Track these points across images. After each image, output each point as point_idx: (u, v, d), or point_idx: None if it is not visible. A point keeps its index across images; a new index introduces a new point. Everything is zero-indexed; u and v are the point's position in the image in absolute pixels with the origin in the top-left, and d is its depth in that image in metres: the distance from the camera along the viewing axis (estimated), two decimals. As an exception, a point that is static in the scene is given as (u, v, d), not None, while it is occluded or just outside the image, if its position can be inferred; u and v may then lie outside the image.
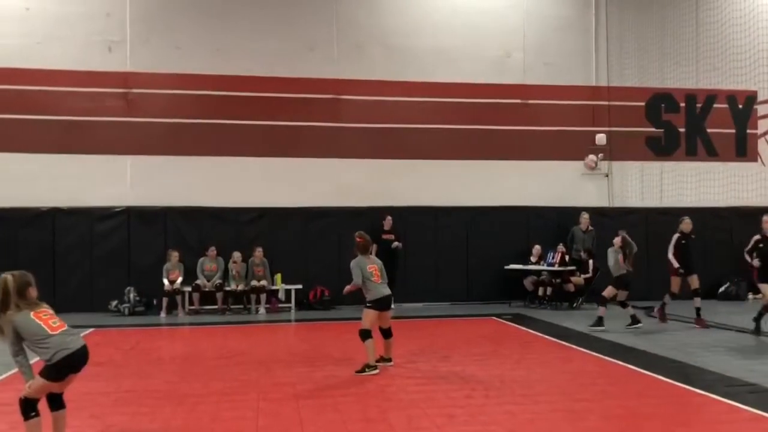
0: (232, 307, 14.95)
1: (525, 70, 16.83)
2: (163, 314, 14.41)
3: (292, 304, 15.17)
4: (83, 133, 15.08)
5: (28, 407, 5.32)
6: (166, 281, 14.58)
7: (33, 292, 5.40)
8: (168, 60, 15.49)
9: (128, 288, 14.65)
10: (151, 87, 15.46)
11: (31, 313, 5.29)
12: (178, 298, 14.67)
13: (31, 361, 5.39)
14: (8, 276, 5.37)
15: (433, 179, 16.30)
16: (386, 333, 8.98)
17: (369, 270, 8.74)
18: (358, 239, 8.93)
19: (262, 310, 14.88)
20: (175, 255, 14.74)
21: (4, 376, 8.52)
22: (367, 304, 8.73)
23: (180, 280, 14.69)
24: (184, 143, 15.48)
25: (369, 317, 8.67)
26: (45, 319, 5.30)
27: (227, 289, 14.88)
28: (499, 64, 16.78)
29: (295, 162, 15.81)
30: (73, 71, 15.07)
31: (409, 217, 15.97)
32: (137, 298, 14.68)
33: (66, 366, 5.25)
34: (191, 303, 14.76)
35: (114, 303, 14.52)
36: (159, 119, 15.48)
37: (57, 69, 14.98)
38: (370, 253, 9.18)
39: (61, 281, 14.65)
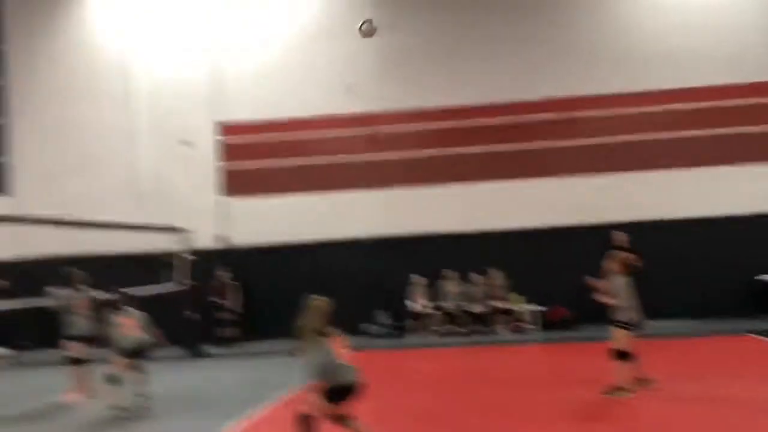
0: (475, 328, 15.50)
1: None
2: (411, 336, 15.36)
3: (534, 325, 15.36)
4: (338, 172, 16.61)
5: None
6: (413, 304, 15.52)
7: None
8: (407, 97, 16.58)
9: (379, 311, 15.81)
10: (393, 123, 16.66)
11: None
12: (425, 320, 15.54)
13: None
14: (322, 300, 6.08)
15: (668, 189, 15.73)
16: (632, 354, 8.88)
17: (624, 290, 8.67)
18: (623, 259, 8.88)
19: (504, 331, 15.24)
20: (420, 279, 15.64)
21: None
22: (619, 323, 8.64)
23: (426, 303, 15.55)
24: (426, 173, 16.42)
25: (623, 337, 8.59)
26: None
27: (470, 311, 15.46)
28: (731, 62, 15.83)
29: (531, 183, 16.13)
30: (324, 117, 16.62)
31: (647, 231, 15.48)
32: (388, 321, 15.80)
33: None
34: (437, 324, 15.54)
35: (367, 325, 15.75)
36: (402, 153, 16.62)
37: (314, 116, 16.62)
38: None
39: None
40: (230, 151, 16.97)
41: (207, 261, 15.58)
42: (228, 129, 16.99)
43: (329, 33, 16.85)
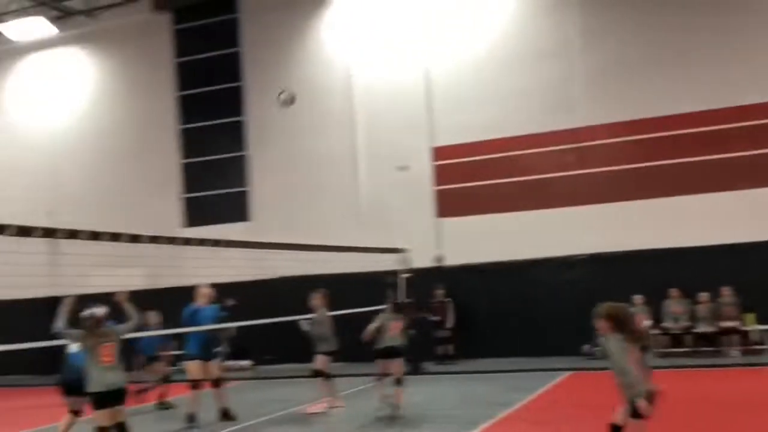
0: (701, 349, 14.68)
1: None
2: (632, 356, 14.84)
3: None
4: (546, 189, 16.58)
5: None
6: (633, 324, 15.01)
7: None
8: (615, 111, 16.20)
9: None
10: (599, 139, 16.33)
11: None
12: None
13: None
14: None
15: None
16: None
17: None
18: None
19: (735, 352, 14.30)
20: (639, 299, 15.11)
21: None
22: None
23: (648, 323, 14.99)
24: (641, 187, 15.92)
25: None
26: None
27: (695, 330, 14.68)
28: None
29: (757, 192, 15.06)
30: (534, 134, 16.70)
31: None
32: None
33: None
34: (660, 346, 14.91)
35: (586, 347, 15.46)
36: (609, 168, 16.23)
37: (521, 135, 16.80)
38: None
39: (538, 327, 16.17)
40: (443, 173, 17.54)
41: (424, 280, 16.18)
42: (441, 152, 17.59)
43: (539, 52, 16.91)
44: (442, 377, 14.27)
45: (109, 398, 6.96)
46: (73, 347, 8.18)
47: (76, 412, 8.68)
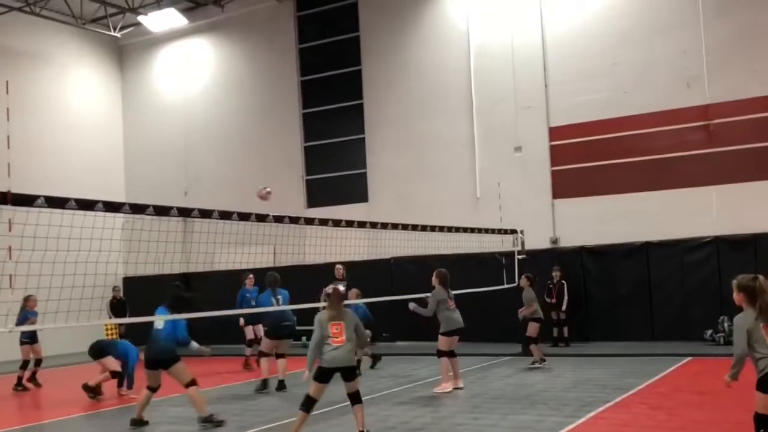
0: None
1: None
2: (759, 344, 14.25)
3: None
4: (668, 169, 16.06)
5: None
6: (760, 310, 14.38)
7: None
8: (746, 85, 15.43)
9: (722, 317, 14.92)
10: (730, 115, 15.60)
11: None
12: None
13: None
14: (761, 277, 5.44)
15: None
16: None
17: None
18: None
19: None
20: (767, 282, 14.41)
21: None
22: None
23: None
24: (764, 167, 15.15)
25: None
26: None
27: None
28: None
29: None
30: (657, 112, 16.20)
31: None
32: (731, 328, 14.82)
33: None
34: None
35: (709, 332, 14.97)
36: (741, 146, 15.49)
37: (642, 113, 16.33)
38: None
39: (657, 311, 15.79)
40: (560, 154, 17.33)
41: (539, 261, 16.12)
42: (558, 132, 17.37)
43: (661, 27, 16.33)
44: (557, 359, 14.22)
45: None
46: (159, 324, 8.83)
47: (154, 389, 9.08)
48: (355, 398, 7.70)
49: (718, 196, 15.58)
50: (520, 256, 15.60)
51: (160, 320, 8.68)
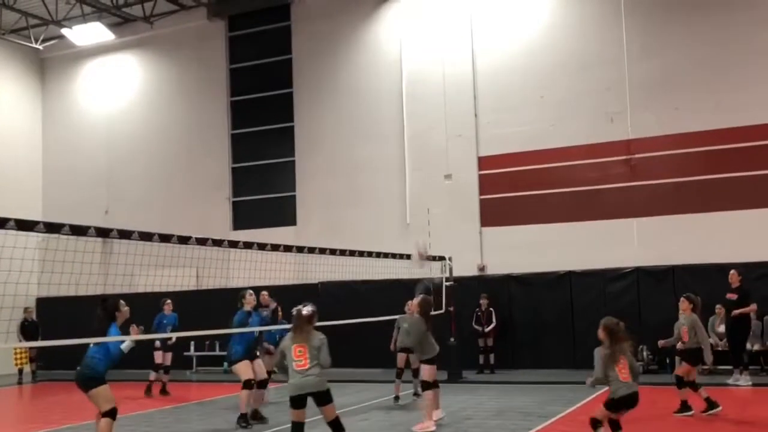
0: (751, 367, 14.36)
1: None
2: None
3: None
4: (592, 200, 16.47)
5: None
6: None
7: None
8: (667, 122, 16.00)
9: (641, 346, 15.25)
10: (652, 150, 16.14)
11: None
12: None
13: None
14: None
15: None
16: None
17: None
18: None
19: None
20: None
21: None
22: None
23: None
24: (687, 201, 15.71)
25: None
26: None
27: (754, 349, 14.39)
28: None
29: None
30: (581, 146, 16.65)
31: None
32: (650, 357, 15.19)
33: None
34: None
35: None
36: (661, 180, 16.04)
37: (568, 146, 16.74)
38: None
39: (579, 339, 16.04)
40: (488, 183, 17.56)
41: (467, 288, 16.21)
42: (487, 162, 17.61)
43: (588, 63, 16.82)
44: (481, 386, 14.27)
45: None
46: (124, 344, 8.11)
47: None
48: (335, 426, 7.20)
49: (639, 228, 16.04)
50: (448, 283, 15.63)
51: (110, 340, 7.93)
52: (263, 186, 20.20)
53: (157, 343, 14.47)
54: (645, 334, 15.37)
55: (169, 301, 14.42)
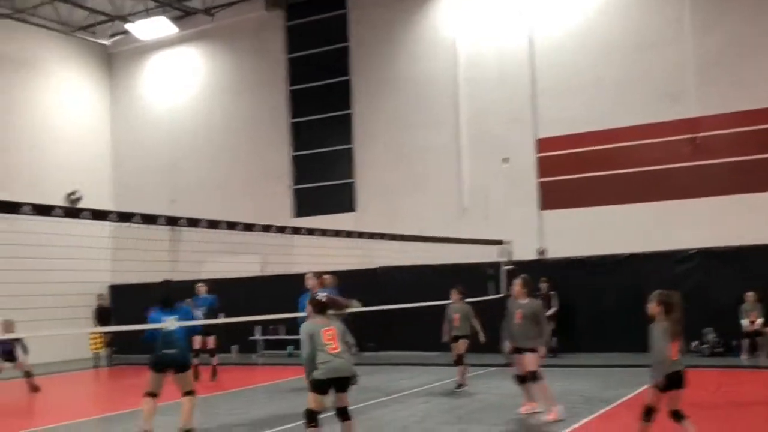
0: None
1: None
2: (743, 356, 14.36)
3: None
4: (655, 181, 16.17)
5: None
6: (745, 322, 14.50)
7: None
8: (733, 99, 15.59)
9: (707, 329, 15.01)
10: (717, 129, 15.75)
11: None
12: (759, 339, 14.42)
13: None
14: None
15: None
16: None
17: None
18: None
19: None
20: (751, 295, 14.55)
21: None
22: None
23: (760, 321, 14.43)
24: (753, 180, 15.30)
25: None
26: None
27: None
28: None
29: None
30: (644, 125, 16.32)
31: None
32: (716, 339, 14.93)
33: None
34: (773, 345, 14.34)
35: (693, 343, 15.04)
36: (727, 159, 15.64)
37: (629, 126, 16.45)
38: None
39: (644, 322, 15.80)
40: (547, 165, 17.43)
41: (526, 272, 16.12)
42: (545, 143, 17.48)
43: (647, 41, 16.49)
44: (544, 370, 14.22)
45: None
46: (171, 325, 8.53)
47: (155, 395, 8.66)
48: (344, 414, 7.26)
49: (705, 209, 15.69)
50: (506, 267, 15.63)
51: (172, 323, 8.40)
52: (323, 173, 20.48)
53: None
54: (711, 316, 15.15)
55: (201, 284, 14.55)
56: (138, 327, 8.50)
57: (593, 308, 16.42)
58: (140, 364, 18.66)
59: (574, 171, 17.08)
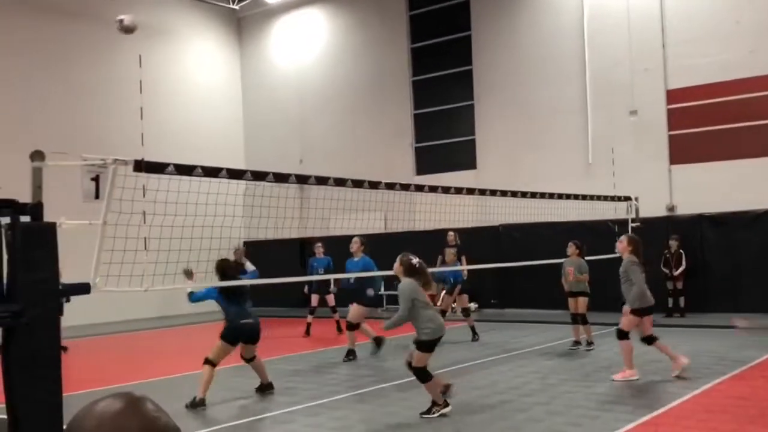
0: None
1: None
2: None
3: None
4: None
5: None
6: None
7: None
8: None
9: None
10: None
11: None
12: None
13: None
14: None
15: None
16: None
17: None
18: None
19: None
20: None
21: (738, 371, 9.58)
22: None
23: None
24: None
25: None
26: None
27: None
28: None
29: None
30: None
31: None
32: None
33: None
34: None
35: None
36: None
37: (767, 74, 15.46)
38: None
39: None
40: (678, 118, 16.70)
41: (654, 230, 15.68)
42: (676, 95, 16.72)
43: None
44: (671, 330, 13.89)
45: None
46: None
47: (215, 364, 8.70)
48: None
49: None
50: (634, 224, 15.20)
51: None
52: (444, 131, 20.53)
53: (306, 288, 15.44)
54: None
55: (319, 244, 15.12)
56: (274, 281, 8.99)
57: (725, 267, 15.75)
58: (279, 316, 19.75)
59: (708, 123, 16.26)
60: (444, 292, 13.90)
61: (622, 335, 9.38)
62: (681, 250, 15.70)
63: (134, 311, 18.83)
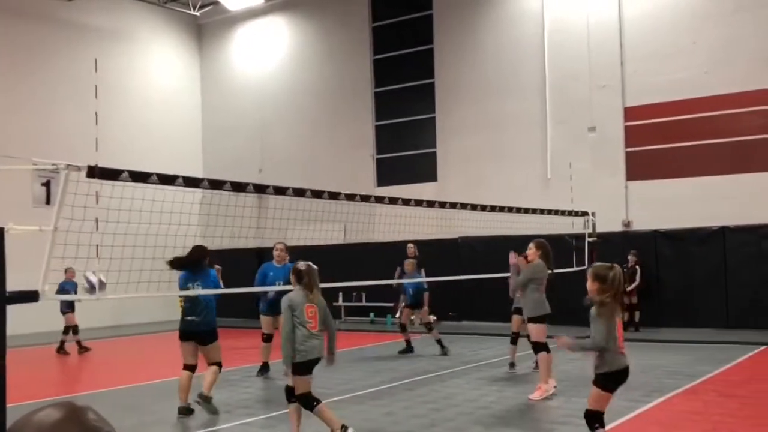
0: None
1: None
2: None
3: None
4: (748, 152, 15.53)
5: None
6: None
7: None
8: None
9: (801, 306, 14.43)
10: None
11: None
12: None
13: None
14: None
15: None
16: None
17: None
18: None
19: None
20: None
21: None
22: None
23: None
24: None
25: None
26: None
27: None
28: None
29: None
30: (738, 93, 15.67)
31: None
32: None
33: None
34: None
35: (787, 320, 14.52)
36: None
37: (723, 94, 15.81)
38: None
39: (732, 298, 15.37)
40: (635, 135, 16.98)
41: (611, 245, 15.88)
42: (633, 112, 17.01)
43: (745, 3, 15.74)
44: (626, 345, 14.03)
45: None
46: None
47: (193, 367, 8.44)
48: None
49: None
50: (590, 239, 15.38)
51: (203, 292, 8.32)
52: (405, 143, 20.57)
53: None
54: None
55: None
56: (224, 291, 8.83)
57: (679, 283, 16.03)
58: (225, 327, 19.43)
59: (664, 141, 16.57)
60: (403, 305, 13.83)
61: (539, 348, 9.20)
62: (636, 266, 15.91)
63: (85, 320, 18.35)
